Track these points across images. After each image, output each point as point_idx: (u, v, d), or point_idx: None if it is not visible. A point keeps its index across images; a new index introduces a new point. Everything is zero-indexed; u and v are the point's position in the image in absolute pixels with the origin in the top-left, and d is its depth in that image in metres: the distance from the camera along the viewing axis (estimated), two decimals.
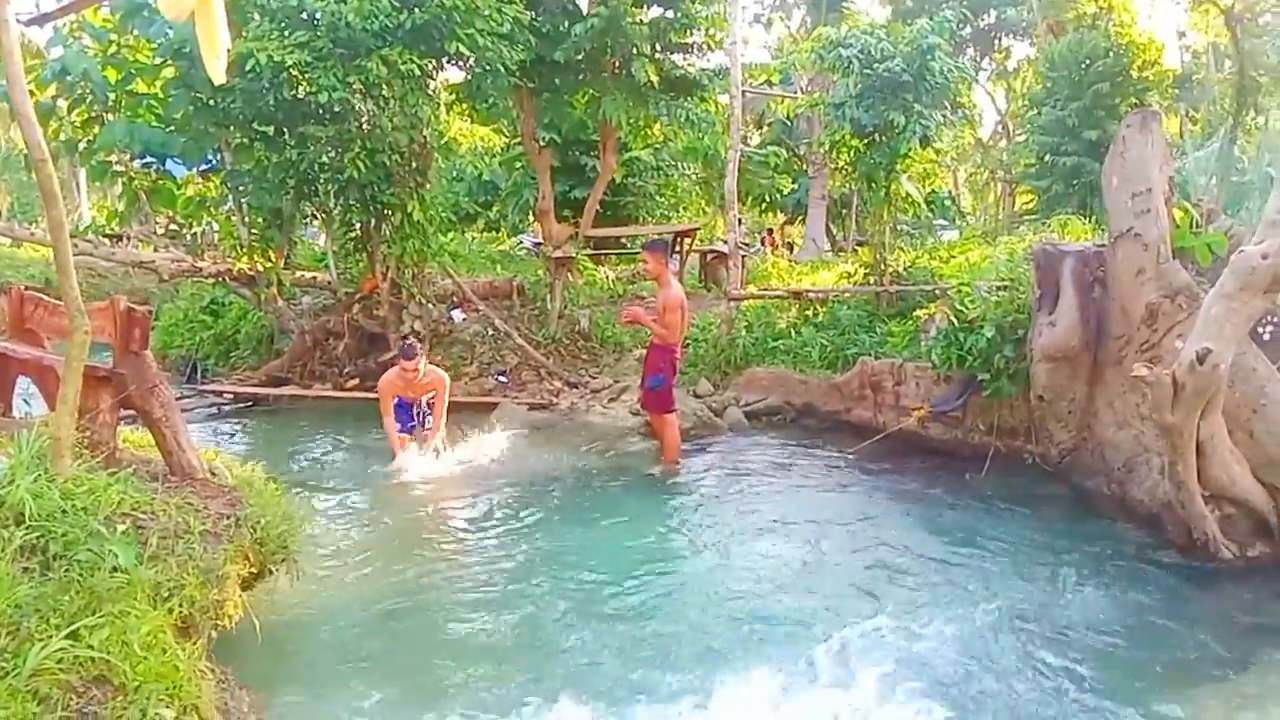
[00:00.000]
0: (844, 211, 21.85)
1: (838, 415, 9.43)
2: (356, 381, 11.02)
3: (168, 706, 3.55)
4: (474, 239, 20.03)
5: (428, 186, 10.65)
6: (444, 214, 16.10)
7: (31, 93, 4.31)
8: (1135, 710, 4.29)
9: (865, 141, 10.38)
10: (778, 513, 7.11)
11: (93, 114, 10.51)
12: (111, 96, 10.41)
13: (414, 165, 10.40)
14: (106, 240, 12.47)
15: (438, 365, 8.94)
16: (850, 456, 8.41)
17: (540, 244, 13.81)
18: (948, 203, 27.27)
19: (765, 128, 25.10)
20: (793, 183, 23.24)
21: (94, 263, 13.38)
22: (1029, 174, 24.31)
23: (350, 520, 6.84)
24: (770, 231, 26.25)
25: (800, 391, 9.82)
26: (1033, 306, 7.43)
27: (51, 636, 3.43)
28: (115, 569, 3.86)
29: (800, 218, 24.22)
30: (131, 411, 5.26)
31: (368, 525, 6.78)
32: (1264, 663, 4.80)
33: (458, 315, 11.44)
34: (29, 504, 3.95)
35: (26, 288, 6.44)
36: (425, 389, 8.03)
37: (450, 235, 16.81)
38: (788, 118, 22.64)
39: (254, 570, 4.91)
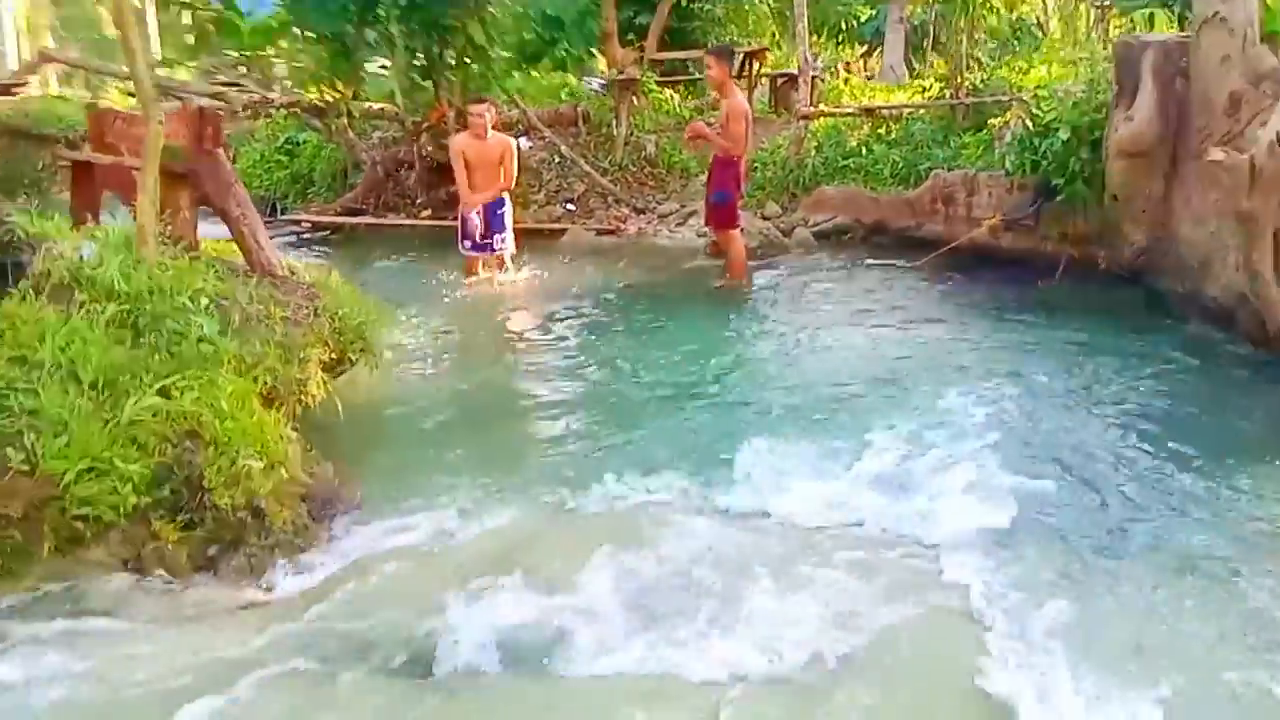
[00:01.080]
0: (924, 42, 20.95)
1: (909, 231, 9.29)
2: (429, 212, 11.17)
3: (256, 459, 3.82)
4: (542, 78, 19.71)
5: (489, 8, 10.49)
6: (510, 53, 15.88)
7: None
8: (1202, 481, 4.32)
9: None
10: (845, 317, 7.17)
11: None
12: None
13: None
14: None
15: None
16: (919, 268, 8.35)
17: (607, 85, 13.55)
18: (1036, 31, 25.87)
19: None
20: (870, 10, 22.26)
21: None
22: None
23: (425, 328, 7.05)
24: (847, 65, 25.29)
25: (870, 209, 9.68)
26: (1111, 104, 7.16)
27: (145, 393, 3.70)
28: (201, 339, 4.11)
29: (879, 49, 23.25)
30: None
31: (443, 332, 7.00)
32: None
33: (524, 143, 11.40)
34: (119, 282, 4.20)
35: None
36: (494, 152, 7.97)
37: (516, 74, 16.62)
38: None
39: (334, 357, 5.15)
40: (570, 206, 10.76)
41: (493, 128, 8.01)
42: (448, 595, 3.40)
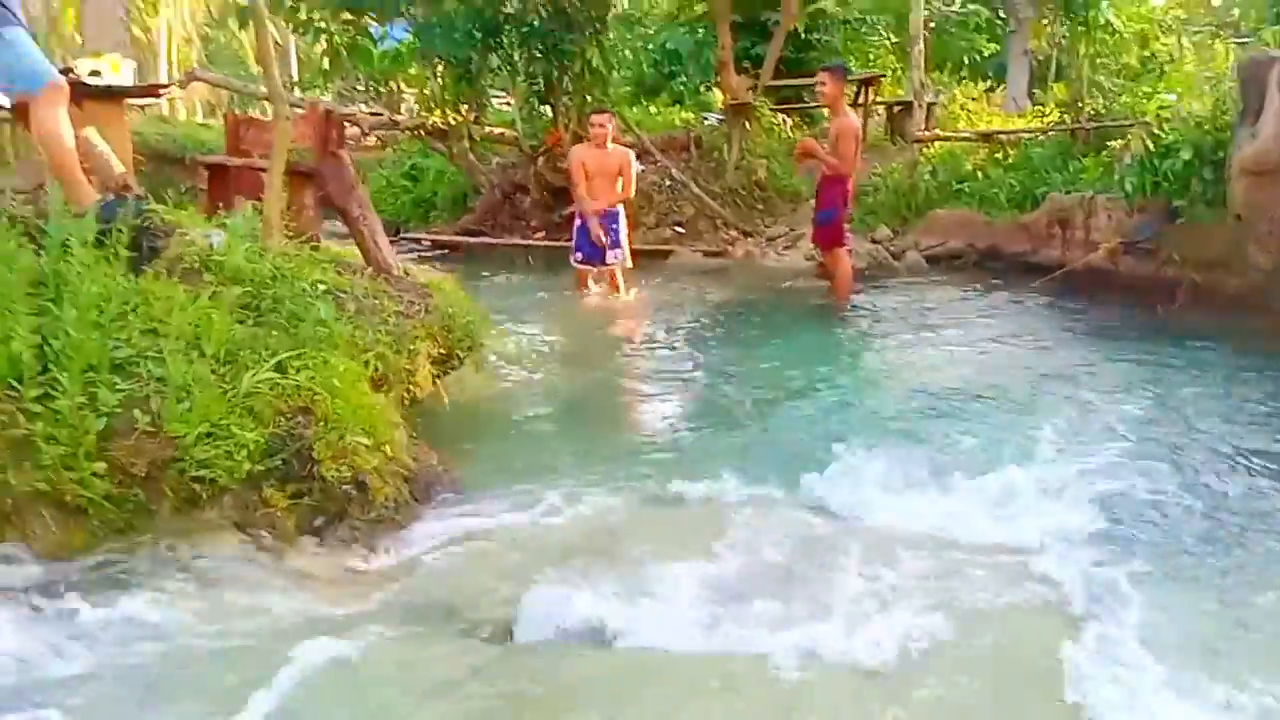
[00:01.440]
0: (1049, 74, 20.54)
1: (1024, 257, 9.12)
2: (543, 233, 11.45)
3: (363, 437, 3.98)
4: (658, 113, 20.05)
5: (607, 35, 10.78)
6: (630, 87, 16.20)
7: None
8: None
9: None
10: (952, 335, 7.08)
11: None
12: None
13: (593, 12, 10.53)
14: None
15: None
16: (1033, 290, 8.16)
17: (724, 121, 13.71)
18: (1168, 68, 25.00)
19: None
20: (993, 43, 21.88)
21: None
22: (1261, 27, 21.99)
23: (532, 337, 7.22)
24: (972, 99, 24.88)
25: (984, 234, 9.53)
26: (1235, 123, 6.92)
27: (262, 368, 3.89)
28: (318, 322, 4.31)
29: (1002, 84, 22.84)
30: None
31: (549, 340, 7.16)
32: None
33: (636, 167, 11.60)
34: (245, 268, 4.44)
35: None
36: (613, 162, 8.15)
37: (634, 109, 16.99)
38: None
39: (443, 353, 5.31)
40: (679, 229, 10.89)
41: (612, 140, 8.20)
42: (535, 571, 3.48)
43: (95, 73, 5.90)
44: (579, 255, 8.25)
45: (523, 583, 3.39)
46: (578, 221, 8.21)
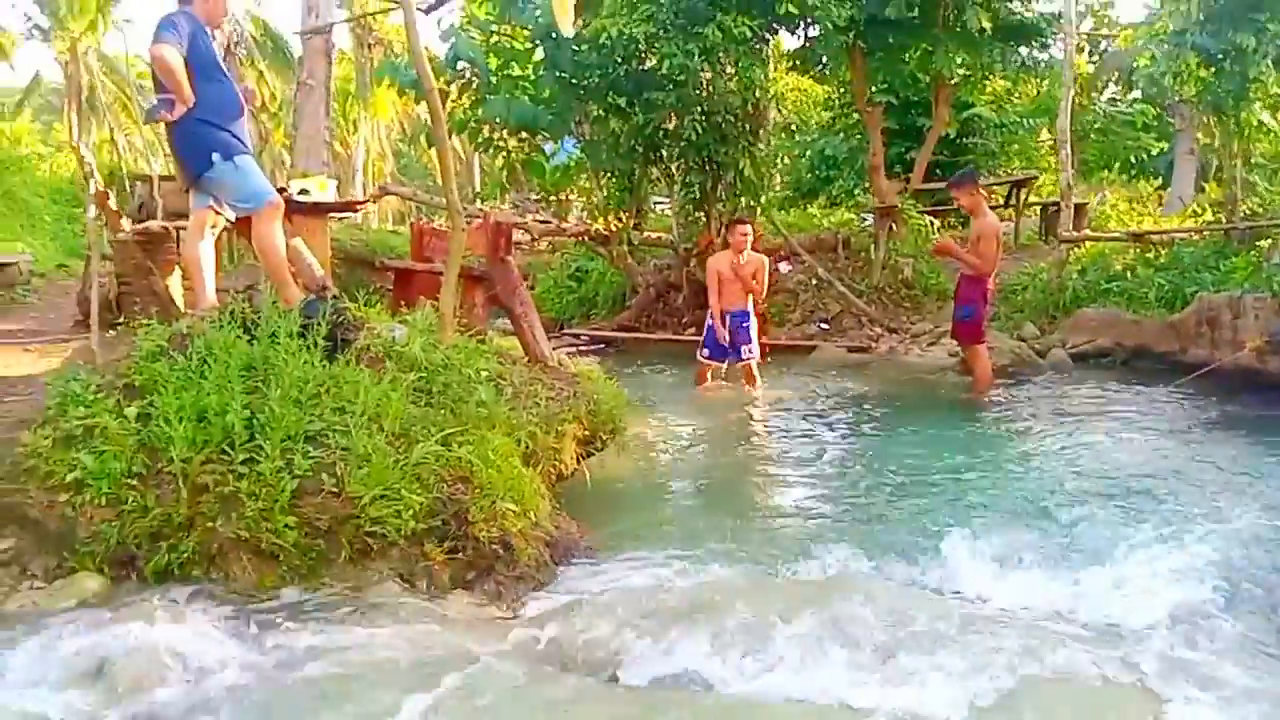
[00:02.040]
0: (1220, 174, 20.01)
1: (1173, 356, 9.07)
2: (694, 330, 12.06)
3: (512, 504, 4.54)
4: (815, 215, 20.61)
5: (759, 146, 11.44)
6: (785, 192, 16.82)
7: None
8: None
9: (1212, 70, 9.80)
10: (1087, 431, 7.13)
11: (478, 96, 12.35)
12: (493, 79, 12.20)
13: (747, 126, 11.23)
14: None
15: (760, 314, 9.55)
16: (1177, 389, 8.12)
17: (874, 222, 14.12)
18: None
19: (1132, 84, 23.31)
20: (1162, 142, 21.50)
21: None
22: None
23: (673, 423, 7.73)
24: (1141, 198, 24.36)
25: (1132, 333, 9.53)
26: None
27: (430, 442, 4.53)
28: (479, 404, 4.95)
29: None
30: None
31: (688, 426, 7.64)
32: None
33: (784, 267, 12.11)
34: (420, 357, 5.14)
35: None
36: (748, 270, 8.56)
37: (791, 211, 17.61)
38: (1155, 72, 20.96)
39: (588, 435, 5.88)
40: (824, 326, 11.28)
41: (752, 248, 8.74)
42: (648, 624, 3.90)
43: (304, 191, 6.89)
44: (705, 352, 8.78)
45: (636, 633, 3.83)
46: (709, 321, 8.74)
